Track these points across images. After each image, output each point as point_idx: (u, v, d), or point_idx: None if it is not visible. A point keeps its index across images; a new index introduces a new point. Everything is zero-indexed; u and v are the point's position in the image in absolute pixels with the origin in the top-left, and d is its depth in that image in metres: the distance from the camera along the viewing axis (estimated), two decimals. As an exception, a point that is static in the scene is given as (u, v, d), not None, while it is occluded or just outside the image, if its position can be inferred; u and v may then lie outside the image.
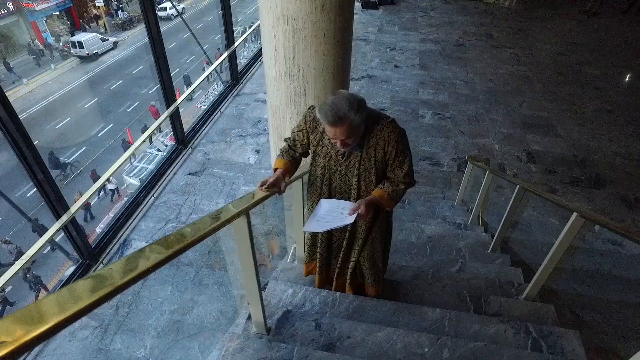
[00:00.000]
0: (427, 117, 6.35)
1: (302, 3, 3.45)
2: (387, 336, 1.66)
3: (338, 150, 1.70)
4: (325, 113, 1.47)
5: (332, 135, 1.54)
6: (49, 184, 3.36)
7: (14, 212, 9.24)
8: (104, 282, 0.75)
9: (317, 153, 1.80)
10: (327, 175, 1.81)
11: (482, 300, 2.07)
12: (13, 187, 11.46)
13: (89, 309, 0.66)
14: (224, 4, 6.21)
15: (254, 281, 1.40)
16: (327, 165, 1.78)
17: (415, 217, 3.70)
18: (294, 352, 1.49)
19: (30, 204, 10.39)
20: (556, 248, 1.88)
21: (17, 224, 10.43)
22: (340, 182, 1.80)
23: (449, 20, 10.87)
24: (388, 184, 1.73)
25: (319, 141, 1.76)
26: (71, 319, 0.63)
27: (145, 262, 0.84)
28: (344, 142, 1.56)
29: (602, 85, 7.51)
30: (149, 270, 0.84)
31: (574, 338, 1.76)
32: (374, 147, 1.67)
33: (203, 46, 20.22)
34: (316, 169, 1.84)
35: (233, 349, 1.50)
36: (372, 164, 1.71)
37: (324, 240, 2.03)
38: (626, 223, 4.28)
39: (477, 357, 1.58)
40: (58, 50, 20.23)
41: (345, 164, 1.75)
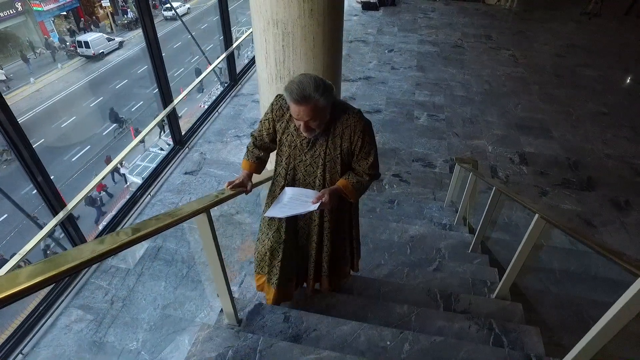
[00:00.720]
0: (422, 119, 6.41)
1: (291, 8, 3.53)
2: (352, 329, 1.75)
3: (304, 139, 1.69)
4: (291, 90, 1.48)
5: (296, 114, 1.53)
6: (47, 183, 3.49)
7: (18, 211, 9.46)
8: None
9: (282, 142, 1.77)
10: (292, 165, 1.79)
11: (452, 298, 2.14)
12: (17, 187, 11.67)
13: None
14: (222, 7, 6.32)
15: (221, 275, 1.50)
16: (292, 155, 1.77)
17: (402, 217, 3.78)
18: (259, 342, 1.58)
19: (36, 202, 10.61)
20: (521, 248, 1.95)
21: (21, 222, 10.66)
22: (305, 173, 1.79)
23: (449, 22, 10.91)
24: (353, 175, 1.75)
25: (284, 129, 1.73)
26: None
27: (100, 247, 0.93)
28: (308, 125, 1.55)
29: (599, 88, 7.52)
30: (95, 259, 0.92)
31: (535, 334, 1.83)
32: (340, 136, 1.68)
33: (208, 46, 20.43)
34: (282, 159, 1.81)
35: (203, 337, 1.60)
36: (337, 154, 1.71)
37: (287, 252, 1.94)
38: (577, 226, 4.34)
39: (436, 350, 1.66)
40: (65, 50, 20.50)
41: (310, 154, 1.73)
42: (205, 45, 19.64)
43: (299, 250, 2.02)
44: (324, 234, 1.94)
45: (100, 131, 15.48)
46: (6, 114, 3.03)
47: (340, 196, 1.73)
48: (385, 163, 5.38)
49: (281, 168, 1.84)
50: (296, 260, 2.04)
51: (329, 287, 2.12)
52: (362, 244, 3.05)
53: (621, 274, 1.30)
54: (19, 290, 0.74)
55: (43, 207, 3.79)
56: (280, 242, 1.91)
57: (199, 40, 17.53)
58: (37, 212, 9.86)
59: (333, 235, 1.95)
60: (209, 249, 1.44)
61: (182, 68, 19.64)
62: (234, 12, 20.20)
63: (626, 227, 4.42)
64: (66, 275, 0.84)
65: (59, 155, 13.53)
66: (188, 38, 21.15)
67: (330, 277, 2.09)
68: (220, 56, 6.90)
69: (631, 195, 4.86)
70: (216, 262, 1.45)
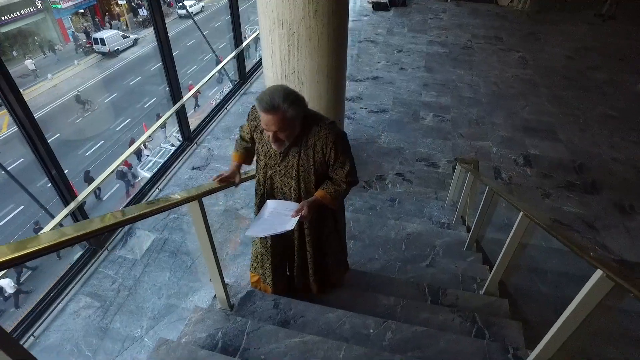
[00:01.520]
0: (428, 119, 6.45)
1: (296, 8, 3.63)
2: (338, 317, 1.83)
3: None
4: (260, 100, 1.53)
5: (265, 124, 1.56)
6: (60, 175, 3.65)
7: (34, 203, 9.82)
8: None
9: (259, 151, 1.81)
10: (269, 174, 1.81)
11: (440, 292, 2.21)
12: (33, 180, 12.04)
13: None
14: (232, 6, 6.44)
15: (213, 261, 1.59)
16: (268, 164, 1.79)
17: (401, 215, 3.84)
18: (247, 325, 1.68)
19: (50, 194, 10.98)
20: (508, 244, 2.01)
21: (36, 214, 11.01)
22: (281, 183, 1.81)
23: (459, 23, 10.88)
24: (330, 184, 1.77)
25: (260, 139, 1.77)
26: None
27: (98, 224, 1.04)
28: (276, 136, 1.58)
29: (609, 91, 7.44)
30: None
31: (516, 328, 1.89)
32: (312, 148, 1.69)
33: (221, 44, 20.66)
34: (259, 167, 1.84)
35: (195, 319, 1.70)
36: (310, 165, 1.73)
37: (276, 257, 1.98)
38: (556, 225, 4.33)
39: (418, 339, 1.73)
40: (81, 47, 20.97)
41: (284, 164, 1.76)
42: (217, 44, 19.90)
43: (286, 255, 2.06)
44: (305, 240, 1.95)
45: (113, 127, 15.81)
46: (24, 110, 3.19)
47: (320, 205, 1.75)
48: (389, 162, 5.44)
49: (260, 176, 1.87)
50: (287, 262, 2.10)
51: (318, 290, 2.17)
52: (358, 240, 3.13)
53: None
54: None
55: (57, 200, 3.96)
56: (267, 248, 1.97)
57: (212, 39, 17.77)
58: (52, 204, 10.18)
59: (315, 242, 1.97)
60: (201, 236, 1.54)
61: (195, 65, 19.92)
62: (246, 11, 20.46)
63: (629, 231, 4.41)
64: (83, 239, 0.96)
65: (73, 149, 13.89)
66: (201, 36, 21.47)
67: (318, 281, 2.12)
68: (229, 55, 7.03)
69: (636, 199, 4.83)
70: (208, 249, 1.55)
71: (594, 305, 1.17)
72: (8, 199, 11.60)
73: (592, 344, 1.68)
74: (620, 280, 1.03)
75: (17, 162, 12.77)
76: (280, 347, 1.58)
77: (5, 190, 11.58)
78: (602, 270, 1.11)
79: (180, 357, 1.45)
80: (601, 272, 1.11)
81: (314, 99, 4.24)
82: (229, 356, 1.48)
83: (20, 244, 0.87)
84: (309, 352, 1.57)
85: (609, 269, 1.08)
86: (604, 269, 1.10)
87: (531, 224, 1.86)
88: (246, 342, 1.61)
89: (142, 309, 3.75)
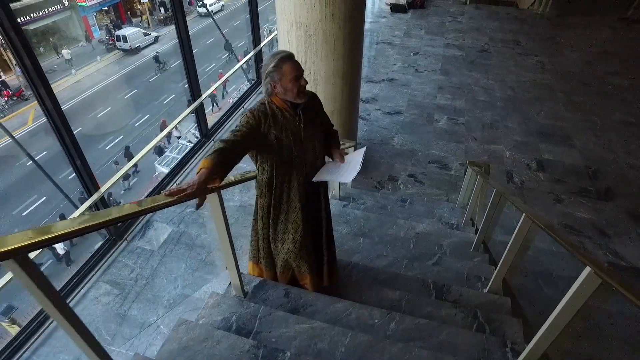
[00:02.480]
0: (442, 122, 6.48)
1: (313, 12, 3.74)
2: (345, 308, 1.93)
3: (297, 123, 1.84)
4: (281, 56, 1.73)
5: (296, 70, 1.74)
6: (84, 167, 3.86)
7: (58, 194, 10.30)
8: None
9: (278, 138, 1.83)
10: (295, 151, 1.89)
11: (444, 289, 2.29)
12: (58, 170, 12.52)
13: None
14: (252, 6, 6.60)
15: (229, 250, 1.72)
16: (291, 141, 1.86)
17: (411, 215, 3.92)
18: (260, 310, 1.80)
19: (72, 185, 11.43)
20: (510, 245, 2.08)
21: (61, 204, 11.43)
22: (300, 151, 1.90)
23: (477, 26, 10.83)
24: (332, 138, 2.11)
25: (270, 127, 1.80)
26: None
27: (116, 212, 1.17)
28: (306, 80, 1.79)
29: (629, 97, 7.34)
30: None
31: (517, 325, 1.96)
32: (314, 117, 1.96)
33: (240, 43, 20.94)
34: (282, 152, 1.87)
35: (211, 303, 1.83)
36: (317, 126, 1.99)
37: (299, 240, 2.01)
38: (552, 223, 4.32)
39: (420, 330, 1.82)
40: (104, 44, 21.55)
41: (302, 135, 1.89)
42: (236, 42, 20.18)
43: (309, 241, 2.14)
44: (327, 216, 2.17)
45: (132, 122, 16.21)
46: (53, 102, 3.39)
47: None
48: (401, 164, 5.51)
49: (284, 163, 1.92)
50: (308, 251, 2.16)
51: (329, 276, 2.28)
52: (368, 237, 3.23)
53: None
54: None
55: (77, 193, 4.18)
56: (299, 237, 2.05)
57: (231, 38, 18.01)
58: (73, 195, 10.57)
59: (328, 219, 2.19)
60: (219, 226, 1.66)
61: (214, 63, 20.24)
62: (265, 10, 20.66)
63: (644, 239, 4.39)
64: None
65: (94, 143, 14.33)
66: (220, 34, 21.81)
67: (329, 266, 2.26)
68: (249, 53, 7.19)
69: (650, 207, 4.80)
70: (225, 238, 1.68)
71: (583, 301, 1.25)
72: (31, 190, 12.08)
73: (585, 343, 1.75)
74: (606, 277, 1.11)
75: (41, 154, 13.27)
76: (290, 331, 1.70)
77: (28, 182, 12.10)
78: (590, 267, 1.19)
79: (198, 336, 1.59)
80: (589, 269, 1.19)
81: (328, 100, 4.34)
82: (242, 337, 1.60)
83: (45, 229, 1.01)
84: (316, 337, 1.69)
85: (597, 267, 1.16)
86: (592, 266, 1.17)
87: (533, 226, 1.93)
88: (258, 326, 1.74)
89: (158, 297, 3.93)
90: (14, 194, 12.03)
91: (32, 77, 3.14)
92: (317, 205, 2.10)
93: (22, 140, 13.80)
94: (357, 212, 3.66)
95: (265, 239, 2.07)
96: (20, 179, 12.50)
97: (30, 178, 12.32)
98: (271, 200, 1.97)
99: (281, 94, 1.80)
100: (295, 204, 1.96)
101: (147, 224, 4.78)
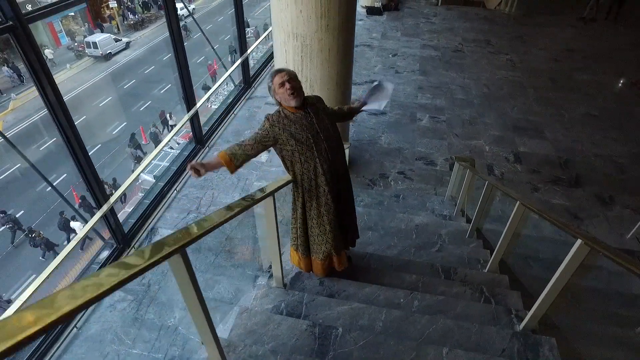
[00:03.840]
0: (424, 121, 6.88)
1: (309, 23, 4.00)
2: (373, 291, 2.22)
3: (309, 119, 2.18)
4: (272, 70, 2.14)
5: (281, 78, 2.10)
6: (97, 183, 3.99)
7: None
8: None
9: (295, 135, 2.15)
10: (315, 140, 2.19)
11: (451, 271, 2.62)
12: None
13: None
14: (238, 16, 6.78)
15: (276, 247, 1.97)
16: (308, 134, 2.17)
17: (407, 209, 4.25)
18: (304, 297, 2.06)
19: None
20: (507, 230, 2.42)
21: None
22: (318, 140, 2.22)
23: (450, 27, 11.36)
24: (347, 109, 2.67)
25: (285, 127, 2.14)
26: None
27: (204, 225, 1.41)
28: (291, 83, 2.10)
29: (592, 91, 7.98)
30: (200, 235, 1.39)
31: (516, 296, 2.30)
32: (320, 112, 2.30)
33: (213, 47, 20.84)
34: (302, 145, 2.17)
35: (260, 294, 2.07)
36: (327, 118, 2.33)
37: (332, 219, 2.28)
38: (544, 208, 4.79)
39: (439, 305, 2.13)
40: (73, 50, 20.97)
41: (316, 127, 2.22)
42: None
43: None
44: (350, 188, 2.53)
45: (110, 130, 15.94)
46: (57, 97, 3.46)
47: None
48: (390, 161, 5.85)
49: (312, 155, 2.22)
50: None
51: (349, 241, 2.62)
52: (374, 231, 3.53)
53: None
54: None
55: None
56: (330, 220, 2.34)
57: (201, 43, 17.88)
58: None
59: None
60: (270, 225, 1.91)
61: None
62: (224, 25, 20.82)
63: (609, 220, 4.89)
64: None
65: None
66: (193, 39, 21.63)
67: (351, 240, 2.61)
68: (234, 61, 7.36)
69: (615, 191, 5.32)
70: (274, 235, 1.93)
71: (576, 267, 1.58)
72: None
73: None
74: (594, 245, 1.44)
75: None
76: (333, 313, 1.98)
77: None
78: (581, 240, 1.51)
79: (259, 321, 1.83)
80: (580, 241, 1.52)
81: (324, 105, 4.61)
82: (298, 318, 1.87)
83: (200, 224, 1.24)
84: (356, 316, 1.97)
85: (587, 238, 1.48)
86: (583, 238, 1.50)
87: (526, 212, 2.28)
88: (305, 310, 2.00)
89: (172, 300, 4.09)
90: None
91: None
92: (342, 185, 2.40)
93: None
94: (358, 209, 3.95)
95: (303, 230, 2.35)
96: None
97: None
98: (303, 193, 2.26)
99: (282, 100, 2.17)
100: (324, 189, 2.23)
101: (152, 231, 4.91)
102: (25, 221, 10.89)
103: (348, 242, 2.56)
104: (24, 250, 10.37)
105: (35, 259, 9.95)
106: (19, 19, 2.76)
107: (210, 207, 5.17)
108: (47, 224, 10.95)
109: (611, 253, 1.37)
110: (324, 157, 2.22)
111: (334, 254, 2.37)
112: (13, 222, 10.29)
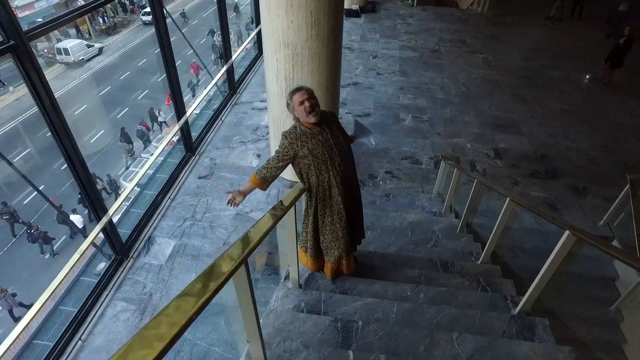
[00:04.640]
0: (407, 121, 7.13)
1: (300, 32, 4.15)
2: (382, 287, 2.40)
3: (325, 135, 2.32)
4: (293, 88, 2.26)
5: (301, 97, 2.22)
6: (95, 194, 4.02)
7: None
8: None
9: (311, 150, 2.28)
10: (329, 154, 2.32)
11: (448, 264, 2.83)
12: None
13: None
14: (223, 24, 6.86)
15: (294, 251, 2.12)
16: (324, 149, 2.31)
17: (399, 208, 4.46)
18: (321, 296, 2.23)
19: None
20: (497, 224, 2.65)
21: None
22: (332, 154, 2.35)
23: (426, 27, 11.71)
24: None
25: (303, 143, 2.27)
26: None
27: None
28: (310, 102, 2.22)
29: (563, 87, 8.44)
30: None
31: (510, 284, 2.54)
32: (334, 128, 2.42)
33: (189, 51, 20.61)
34: (317, 159, 2.30)
35: (281, 295, 2.23)
36: (341, 134, 2.45)
37: (345, 226, 2.42)
38: (532, 202, 5.12)
39: (443, 296, 2.33)
40: (43, 57, 20.33)
41: (331, 143, 2.34)
42: (185, 50, 19.88)
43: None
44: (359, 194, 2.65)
45: (87, 139, 15.59)
46: (59, 116, 3.52)
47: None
48: (377, 162, 6.06)
49: (328, 170, 2.37)
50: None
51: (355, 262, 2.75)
52: (371, 230, 3.72)
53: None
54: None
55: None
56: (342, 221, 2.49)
57: (179, 46, 17.70)
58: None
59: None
60: (290, 231, 2.06)
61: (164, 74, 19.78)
62: (208, 18, 20.66)
63: (583, 208, 5.24)
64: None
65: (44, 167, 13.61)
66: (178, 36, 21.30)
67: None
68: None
69: (587, 182, 5.70)
70: (293, 240, 2.08)
71: (564, 255, 1.80)
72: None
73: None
74: (580, 235, 1.66)
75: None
76: (350, 308, 2.15)
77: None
78: (568, 231, 1.74)
79: (285, 319, 1.98)
80: (568, 232, 1.74)
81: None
82: (320, 315, 2.03)
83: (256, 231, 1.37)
84: (371, 310, 2.15)
85: (573, 229, 1.70)
86: (569, 229, 1.72)
87: (515, 207, 2.51)
88: (324, 307, 2.17)
89: (175, 307, 4.16)
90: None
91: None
92: (352, 192, 2.53)
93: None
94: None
95: (313, 234, 2.50)
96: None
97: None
98: (317, 202, 2.41)
99: (301, 117, 2.30)
100: (337, 199, 2.39)
101: (150, 240, 4.95)
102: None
103: (355, 242, 2.72)
104: (21, 247, 10.07)
105: (35, 258, 9.71)
106: (21, 37, 2.80)
107: (205, 213, 5.24)
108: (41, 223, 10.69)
109: (595, 241, 1.59)
110: (337, 171, 2.36)
111: (344, 257, 2.52)
112: (10, 214, 10.08)
